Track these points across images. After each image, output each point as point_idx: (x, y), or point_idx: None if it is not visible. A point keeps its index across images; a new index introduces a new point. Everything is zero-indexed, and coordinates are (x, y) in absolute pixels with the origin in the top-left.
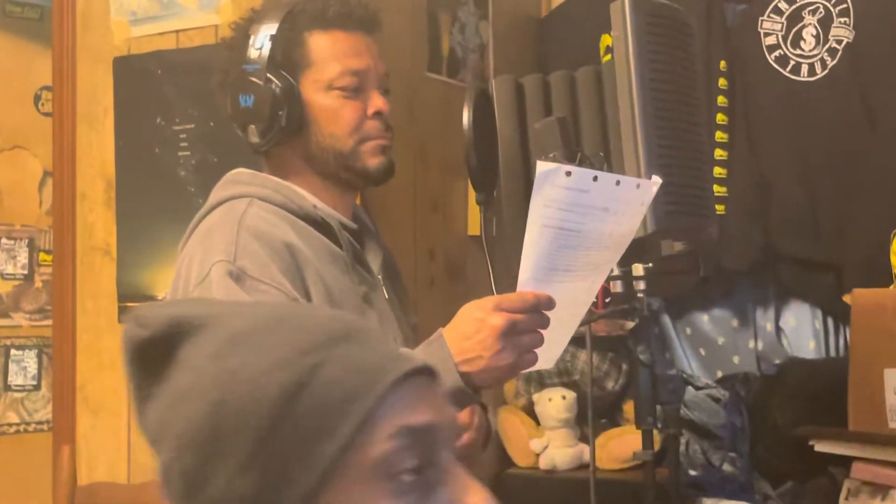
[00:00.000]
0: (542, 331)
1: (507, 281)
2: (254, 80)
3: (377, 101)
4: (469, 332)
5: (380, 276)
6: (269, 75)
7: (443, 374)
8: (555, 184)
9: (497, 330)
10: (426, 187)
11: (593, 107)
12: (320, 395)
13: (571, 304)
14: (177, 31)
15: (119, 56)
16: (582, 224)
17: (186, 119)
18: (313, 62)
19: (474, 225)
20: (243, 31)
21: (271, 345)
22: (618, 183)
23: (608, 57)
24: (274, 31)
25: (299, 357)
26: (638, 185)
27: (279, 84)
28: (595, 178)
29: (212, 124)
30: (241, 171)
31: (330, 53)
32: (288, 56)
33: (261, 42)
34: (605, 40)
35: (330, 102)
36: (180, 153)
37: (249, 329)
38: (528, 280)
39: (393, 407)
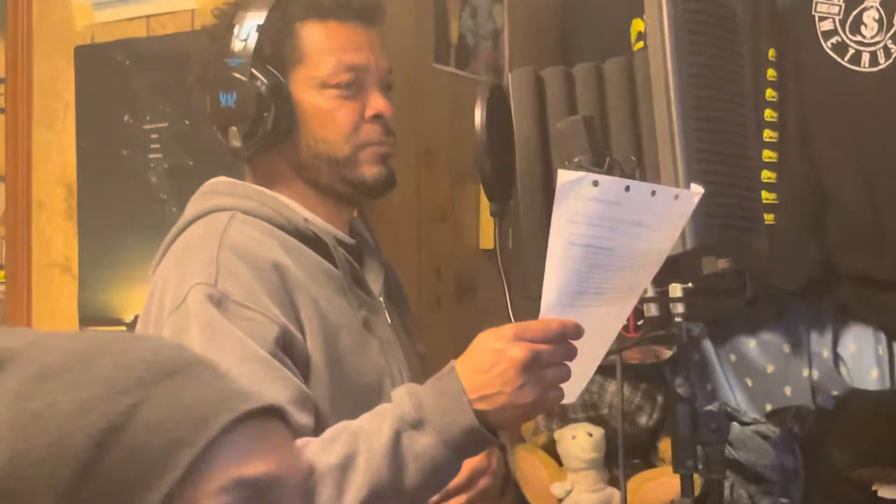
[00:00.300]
0: (568, 363)
1: (526, 302)
2: (237, 75)
3: (377, 102)
4: (486, 365)
5: (381, 299)
6: (254, 71)
7: (456, 413)
8: (580, 195)
9: (518, 362)
10: (432, 195)
11: (624, 104)
12: (137, 442)
13: (600, 331)
14: (147, 17)
15: (81, 45)
16: (613, 241)
17: (158, 117)
18: (305, 56)
19: (487, 238)
20: (227, 19)
21: (83, 382)
22: (653, 193)
23: (640, 45)
24: (262, 21)
25: (114, 396)
26: (676, 196)
27: (266, 81)
28: (627, 189)
29: (187, 123)
30: (221, 180)
31: (324, 47)
32: (277, 49)
33: (246, 32)
34: (637, 25)
35: (324, 103)
36: (151, 156)
37: (60, 364)
38: (552, 305)
39: (225, 455)
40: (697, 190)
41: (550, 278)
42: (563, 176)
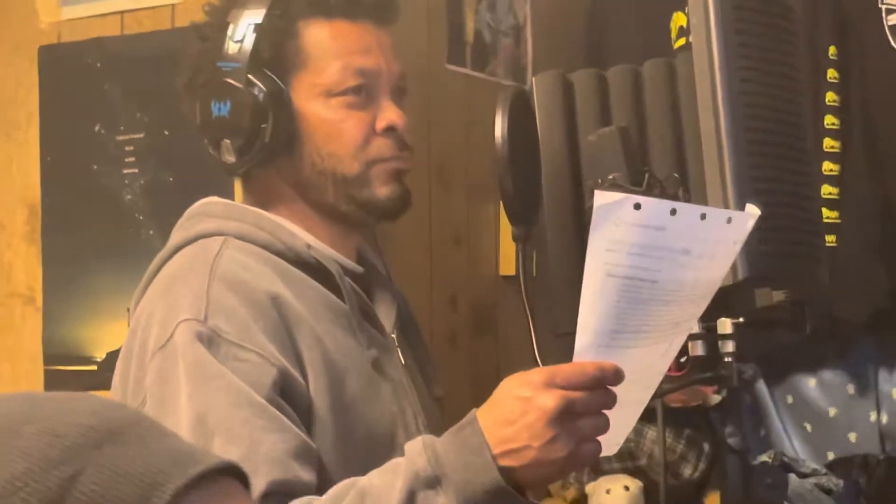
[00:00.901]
0: (606, 412)
1: (554, 340)
2: (231, 81)
3: (389, 113)
4: (512, 415)
5: (393, 336)
6: (250, 76)
7: (478, 471)
8: (620, 220)
9: (549, 412)
10: (446, 215)
11: (665, 112)
12: None
13: (642, 375)
14: (121, 13)
15: (46, 44)
16: (657, 272)
17: (134, 127)
18: (309, 60)
19: (508, 264)
20: (220, 16)
21: (10, 455)
22: (703, 217)
23: (681, 41)
24: (259, 19)
25: (48, 469)
26: (729, 219)
27: (264, 88)
28: (673, 212)
29: (167, 133)
30: (211, 201)
31: (330, 49)
32: (277, 52)
33: (242, 32)
34: (678, 19)
35: (329, 113)
36: (126, 171)
37: None
38: (588, 346)
39: None
40: (753, 212)
41: (586, 315)
42: (601, 198)
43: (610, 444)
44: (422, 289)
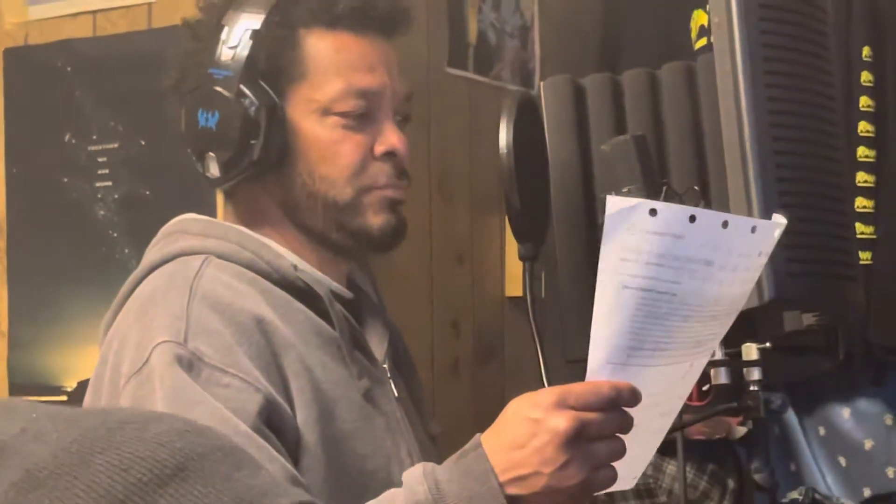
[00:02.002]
0: (622, 436)
1: (564, 366)
2: (221, 91)
3: (391, 137)
4: (521, 439)
5: (385, 366)
6: (242, 87)
7: (483, 500)
8: (635, 227)
9: (561, 436)
10: (447, 231)
11: (684, 120)
12: None
13: (661, 399)
14: (94, 13)
15: (12, 47)
16: (676, 284)
17: (107, 136)
18: (308, 73)
19: (514, 284)
20: (215, 16)
21: (75, 490)
22: (725, 225)
23: (702, 42)
24: (257, 25)
25: None
26: (754, 228)
27: (256, 101)
28: (693, 219)
29: (143, 143)
30: (190, 218)
31: (332, 64)
32: (274, 61)
33: (237, 38)
34: (699, 18)
35: (325, 133)
36: (99, 184)
37: (52, 464)
38: (602, 364)
39: None
40: (780, 220)
41: (599, 330)
42: (614, 203)
43: (626, 477)
44: (422, 311)
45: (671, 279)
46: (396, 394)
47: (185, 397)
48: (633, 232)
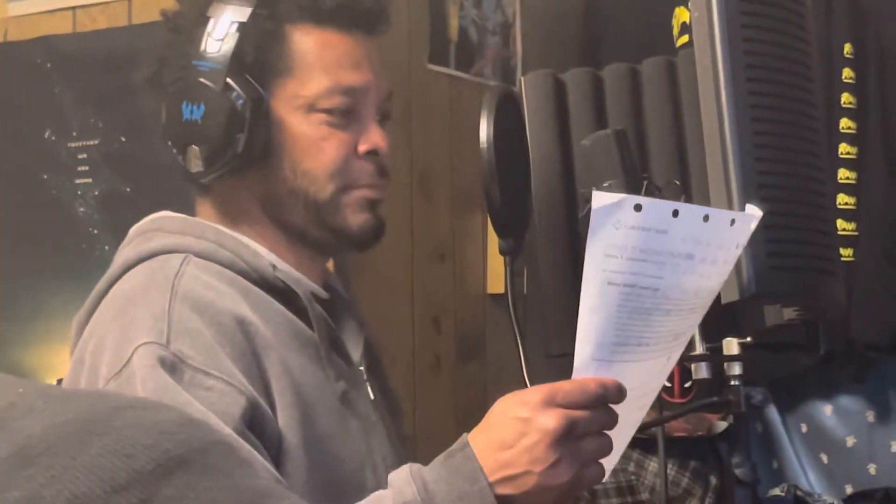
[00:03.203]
0: (608, 433)
1: (546, 362)
2: (207, 83)
3: (374, 136)
4: (509, 439)
5: (361, 369)
6: (229, 80)
7: (473, 500)
8: (620, 223)
9: (551, 434)
10: (429, 228)
11: (665, 114)
12: None
13: (639, 392)
14: (73, 9)
15: None
16: (659, 279)
17: (87, 133)
18: (294, 69)
19: (496, 281)
20: (199, 8)
21: (72, 472)
22: (706, 218)
23: (684, 39)
24: (244, 18)
25: (111, 493)
26: (733, 221)
27: (243, 94)
28: (675, 213)
29: (123, 140)
30: (166, 216)
31: (318, 60)
32: (261, 55)
33: (224, 30)
34: (681, 14)
35: (310, 129)
36: (79, 181)
37: (45, 440)
38: (588, 361)
39: None
40: (755, 212)
41: (585, 327)
42: (600, 199)
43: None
44: (403, 308)
45: (654, 274)
46: (372, 396)
47: (168, 400)
48: (618, 227)
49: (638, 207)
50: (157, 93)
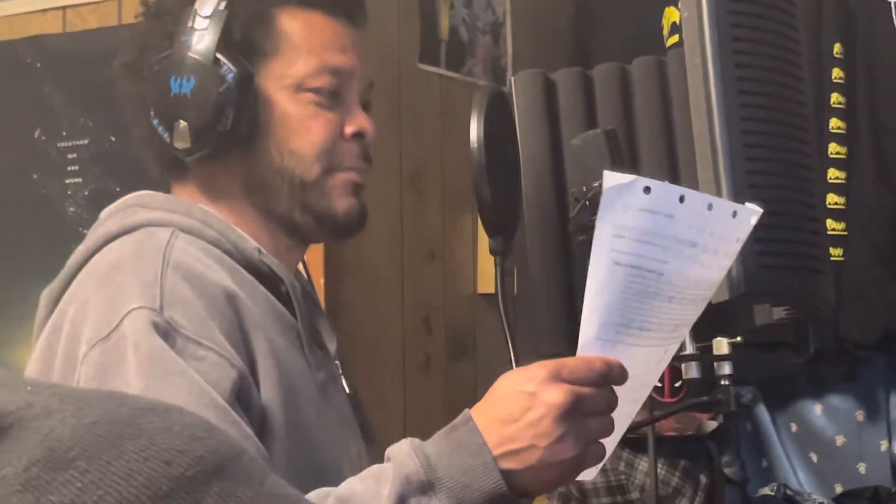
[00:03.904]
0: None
1: (536, 361)
2: (196, 57)
3: (360, 119)
4: (515, 412)
5: (338, 362)
6: (219, 55)
7: (477, 473)
8: (630, 204)
9: (557, 408)
10: (419, 227)
11: (655, 114)
12: None
13: (635, 383)
14: (63, 8)
15: None
16: (664, 263)
17: (77, 132)
18: (280, 49)
19: (486, 280)
20: None
21: (113, 476)
22: (710, 207)
23: (674, 39)
24: None
25: (155, 501)
26: (734, 213)
27: (233, 69)
28: (682, 199)
29: (113, 139)
30: (147, 194)
31: (305, 41)
32: (247, 34)
33: (211, 7)
34: (671, 14)
35: (297, 108)
36: (69, 180)
37: (76, 443)
38: (593, 339)
39: None
40: (755, 209)
41: (591, 305)
42: (611, 179)
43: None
44: (393, 308)
45: (659, 258)
46: (347, 391)
47: (163, 366)
48: (627, 208)
49: (647, 190)
50: (136, 78)
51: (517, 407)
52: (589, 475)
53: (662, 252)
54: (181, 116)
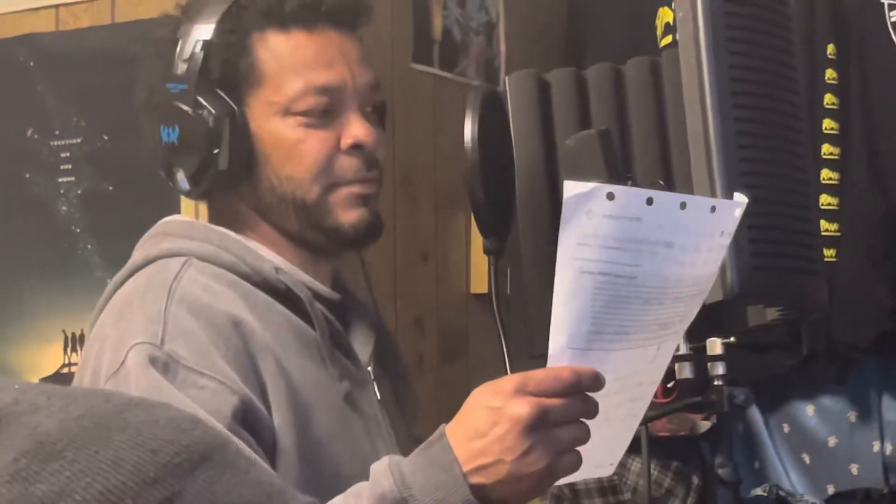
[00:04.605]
0: (586, 421)
1: (530, 362)
2: (179, 105)
3: (356, 128)
4: (482, 428)
5: (370, 369)
6: (199, 98)
7: (448, 489)
8: (593, 212)
9: (522, 422)
10: (412, 228)
11: (649, 114)
12: None
13: (630, 383)
14: (56, 7)
15: None
16: (636, 267)
17: (70, 131)
18: (265, 77)
19: (479, 281)
20: (172, 30)
21: (100, 465)
22: (683, 206)
23: (667, 39)
24: (209, 35)
25: (144, 487)
26: (713, 208)
27: (213, 111)
28: (650, 201)
29: (106, 138)
30: (174, 220)
31: (288, 64)
32: (229, 69)
33: (189, 50)
34: (665, 15)
35: (288, 132)
36: (61, 179)
37: (63, 435)
38: (562, 349)
39: None
40: (740, 199)
41: (559, 316)
42: (571, 188)
43: (604, 463)
44: (386, 309)
45: (630, 262)
46: (379, 397)
47: (159, 398)
48: (590, 217)
49: (610, 196)
50: (149, 119)
51: (484, 422)
52: (604, 471)
53: (633, 256)
54: (175, 164)
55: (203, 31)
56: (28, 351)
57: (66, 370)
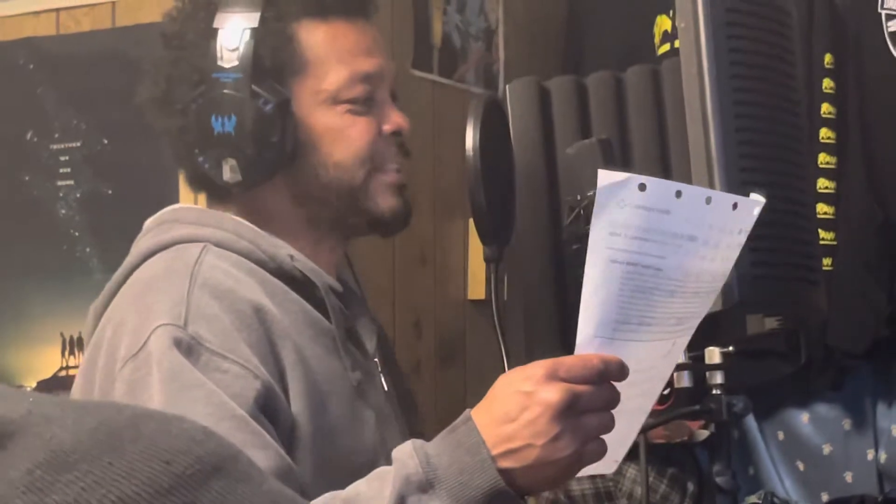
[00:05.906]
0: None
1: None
2: (232, 93)
3: (396, 115)
4: (512, 412)
5: (376, 360)
6: (254, 87)
7: (475, 472)
8: (625, 202)
9: (553, 408)
10: (410, 233)
11: (649, 123)
12: None
13: (644, 377)
14: (57, 10)
15: None
16: (661, 258)
17: (70, 135)
18: (309, 66)
19: (477, 286)
20: (198, 21)
21: (115, 476)
22: (708, 200)
23: (665, 47)
24: (255, 24)
25: (157, 497)
26: (735, 205)
27: (271, 98)
28: (678, 194)
29: (105, 142)
30: (183, 207)
31: (332, 53)
32: (276, 58)
33: (236, 38)
34: (662, 23)
35: (335, 120)
36: (60, 182)
37: (77, 446)
38: (590, 338)
39: None
40: (758, 199)
41: (588, 304)
42: (605, 177)
43: (607, 460)
44: (384, 312)
45: (656, 253)
46: (386, 388)
47: (182, 380)
48: (622, 206)
49: (642, 187)
50: (167, 111)
51: (515, 406)
52: (607, 468)
53: (660, 247)
54: (228, 154)
55: (248, 19)
56: (26, 354)
57: (63, 373)
